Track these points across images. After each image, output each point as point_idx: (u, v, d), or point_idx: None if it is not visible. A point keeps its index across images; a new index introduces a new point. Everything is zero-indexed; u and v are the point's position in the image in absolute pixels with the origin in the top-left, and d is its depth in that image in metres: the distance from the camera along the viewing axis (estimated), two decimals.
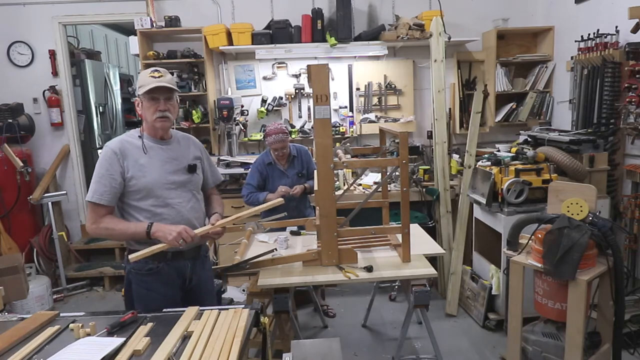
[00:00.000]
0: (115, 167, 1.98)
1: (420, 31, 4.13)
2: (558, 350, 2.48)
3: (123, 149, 2.01)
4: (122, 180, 1.99)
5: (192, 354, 1.46)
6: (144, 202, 2.03)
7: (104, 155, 2.01)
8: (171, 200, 2.06)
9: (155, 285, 2.08)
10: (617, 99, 3.33)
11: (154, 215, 2.03)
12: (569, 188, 2.55)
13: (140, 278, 2.08)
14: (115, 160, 1.98)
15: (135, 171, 2.00)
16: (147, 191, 2.02)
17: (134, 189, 2.01)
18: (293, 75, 4.59)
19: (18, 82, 4.56)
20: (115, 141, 2.05)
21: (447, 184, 3.94)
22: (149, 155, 2.05)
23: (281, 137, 3.35)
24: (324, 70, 2.34)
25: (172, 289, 2.12)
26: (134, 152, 2.02)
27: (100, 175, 1.98)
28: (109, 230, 2.00)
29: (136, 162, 2.01)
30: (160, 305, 1.94)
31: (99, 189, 1.97)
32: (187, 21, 4.44)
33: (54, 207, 4.30)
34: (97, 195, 1.97)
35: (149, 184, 2.01)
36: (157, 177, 2.03)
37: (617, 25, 3.35)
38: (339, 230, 2.47)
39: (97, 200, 1.97)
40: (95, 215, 1.99)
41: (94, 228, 2.00)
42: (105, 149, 2.02)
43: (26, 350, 1.51)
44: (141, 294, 2.09)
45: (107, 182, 1.97)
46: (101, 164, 2.00)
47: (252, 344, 2.61)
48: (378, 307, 3.77)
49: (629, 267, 3.24)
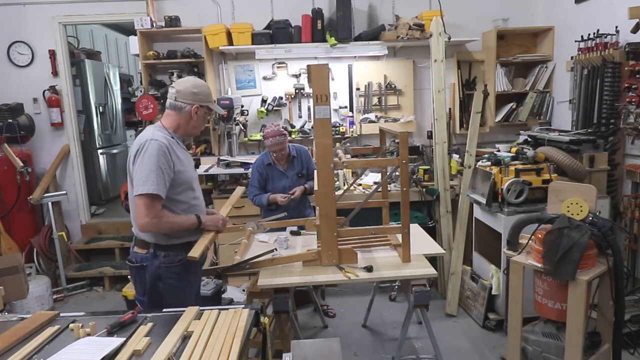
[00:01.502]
0: (169, 161, 2.03)
1: (420, 31, 4.13)
2: (558, 350, 2.48)
3: (169, 145, 2.06)
4: (172, 174, 2.05)
5: (192, 354, 1.46)
6: (184, 195, 2.12)
7: (157, 149, 1.99)
8: (198, 193, 2.23)
9: (187, 275, 2.16)
10: (617, 99, 3.33)
11: (190, 206, 2.14)
12: (569, 188, 2.55)
13: (173, 270, 2.11)
14: (168, 154, 2.03)
15: (179, 166, 2.09)
16: (188, 184, 2.14)
17: (178, 182, 2.08)
18: (293, 75, 4.59)
19: (18, 82, 4.56)
20: (159, 136, 2.05)
21: (447, 184, 3.94)
22: (180, 152, 2.15)
23: (279, 139, 3.35)
24: (324, 70, 2.34)
25: (198, 277, 2.30)
26: (174, 148, 2.10)
27: (159, 169, 1.98)
28: (170, 224, 2.04)
29: (178, 158, 2.10)
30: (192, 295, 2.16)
31: (160, 182, 1.97)
32: (187, 21, 4.44)
33: (54, 207, 4.30)
34: (161, 188, 1.98)
35: (190, 178, 2.15)
36: (192, 171, 2.21)
37: (617, 25, 3.35)
38: (339, 230, 2.47)
39: (161, 193, 1.98)
40: (154, 209, 1.98)
41: (155, 222, 1.98)
42: (156, 144, 2.00)
43: (26, 350, 1.51)
44: (174, 286, 2.12)
45: (164, 175, 2.00)
46: (156, 157, 1.98)
47: (252, 344, 2.60)
48: (378, 307, 3.77)
49: (629, 267, 3.24)
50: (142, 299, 2.15)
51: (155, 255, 2.09)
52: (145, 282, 2.12)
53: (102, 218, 5.21)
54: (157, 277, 2.11)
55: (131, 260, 2.15)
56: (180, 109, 2.11)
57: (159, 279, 2.11)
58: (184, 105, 2.10)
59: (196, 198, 2.20)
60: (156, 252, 2.09)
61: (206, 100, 2.16)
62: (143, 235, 2.10)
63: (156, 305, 2.04)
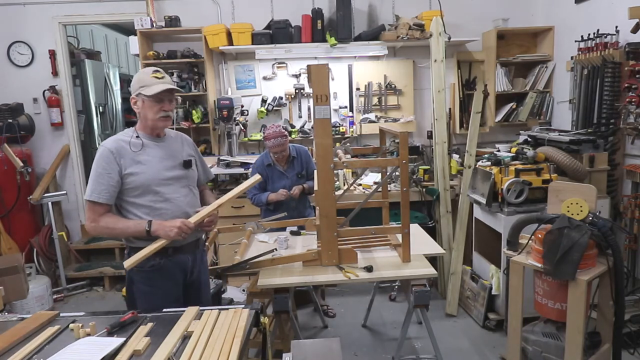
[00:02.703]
0: (112, 165, 2.00)
1: (420, 31, 4.13)
2: (558, 350, 2.48)
3: (119, 148, 2.03)
4: (119, 178, 2.01)
5: (192, 354, 1.46)
6: (143, 199, 2.05)
7: (100, 154, 2.02)
8: (169, 195, 2.09)
9: (158, 281, 2.09)
10: (617, 99, 3.33)
11: (153, 210, 2.05)
12: (569, 188, 2.54)
13: (143, 275, 2.09)
14: (112, 158, 2.00)
15: (133, 169, 2.02)
16: (145, 187, 2.04)
17: (132, 186, 2.03)
18: (293, 75, 4.59)
19: (18, 82, 4.55)
20: (110, 141, 2.06)
21: (447, 184, 3.94)
22: (146, 153, 2.07)
23: (280, 140, 3.35)
24: (324, 70, 2.34)
25: (175, 285, 2.15)
26: (130, 150, 2.04)
27: (97, 174, 2.00)
28: (109, 230, 2.02)
29: (132, 160, 2.03)
30: (164, 301, 1.99)
31: (97, 188, 1.99)
32: (187, 21, 4.44)
33: (54, 207, 4.30)
34: (95, 193, 1.99)
35: (147, 181, 2.04)
36: (154, 173, 2.06)
37: (617, 25, 3.35)
38: (339, 230, 2.47)
39: (95, 199, 1.98)
40: (94, 214, 2.00)
41: (94, 227, 2.01)
42: (101, 149, 2.03)
43: (26, 350, 1.51)
44: (144, 291, 2.10)
45: (104, 180, 1.99)
46: (98, 162, 2.01)
47: (252, 344, 2.60)
48: (378, 307, 3.76)
49: (629, 267, 3.24)
50: None
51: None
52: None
53: None
54: (131, 280, 2.12)
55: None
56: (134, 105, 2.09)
57: (132, 282, 2.12)
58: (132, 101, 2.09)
59: (165, 201, 2.07)
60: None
61: (137, 88, 2.04)
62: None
63: (133, 308, 2.03)
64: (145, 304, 2.05)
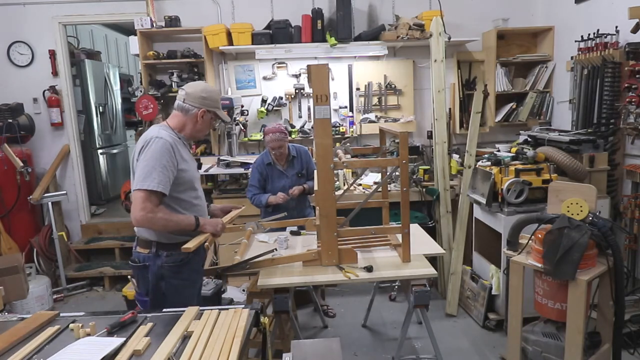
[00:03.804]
0: (173, 159, 2.05)
1: (420, 31, 4.13)
2: (558, 350, 2.48)
3: (174, 143, 2.08)
4: (176, 172, 2.07)
5: (192, 354, 1.46)
6: (186, 194, 2.14)
7: (162, 147, 2.01)
8: (200, 193, 2.25)
9: (189, 274, 2.18)
10: (617, 99, 3.33)
11: (192, 206, 2.16)
12: (569, 188, 2.55)
13: (175, 270, 2.12)
14: (172, 152, 2.05)
15: (183, 165, 2.11)
16: (189, 184, 2.15)
17: (181, 181, 2.10)
18: (293, 75, 4.59)
19: (18, 82, 4.55)
20: (165, 135, 2.08)
21: (447, 184, 3.94)
22: (186, 152, 2.19)
23: (278, 136, 3.35)
24: (324, 70, 2.34)
25: (200, 276, 2.32)
26: (179, 147, 2.12)
27: (163, 166, 2.00)
28: (165, 220, 2.00)
29: (182, 157, 2.12)
30: (194, 293, 2.20)
31: (163, 179, 1.99)
32: (187, 21, 4.44)
33: (54, 207, 4.30)
34: (162, 185, 1.98)
35: (193, 177, 2.18)
36: (194, 171, 2.24)
37: (617, 25, 3.35)
38: (339, 230, 2.47)
39: (162, 190, 1.98)
40: (151, 204, 1.97)
41: (150, 217, 1.96)
42: (161, 141, 2.02)
43: (26, 350, 1.51)
44: (177, 285, 2.13)
45: (169, 172, 2.02)
46: (161, 154, 2.00)
47: (252, 344, 2.60)
48: (378, 307, 3.77)
49: (629, 267, 3.24)
50: (144, 299, 2.13)
51: (157, 255, 2.10)
52: (148, 282, 2.12)
53: (102, 218, 5.21)
54: (160, 276, 2.11)
55: (134, 260, 2.16)
56: (187, 111, 2.14)
57: (161, 278, 2.11)
58: (191, 108, 2.14)
59: (198, 198, 2.22)
60: (158, 252, 2.10)
61: (214, 105, 2.18)
62: (145, 234, 2.11)
63: (159, 305, 2.03)
64: (177, 299, 2.07)
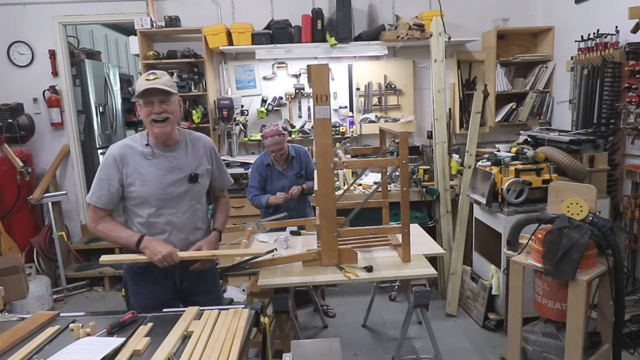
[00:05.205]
0: (114, 173, 2.00)
1: (420, 31, 4.12)
2: (558, 350, 2.48)
3: (124, 155, 2.01)
4: (120, 186, 2.02)
5: (192, 354, 1.46)
6: (140, 209, 2.05)
7: (105, 159, 2.04)
8: (166, 211, 2.05)
9: (145, 283, 2.14)
10: (617, 99, 3.33)
11: (146, 223, 2.06)
12: (569, 188, 2.54)
13: (132, 275, 2.17)
14: (114, 166, 2.00)
15: (134, 179, 2.00)
16: (144, 200, 2.03)
17: (132, 195, 2.03)
18: (293, 75, 4.59)
19: (18, 82, 4.55)
20: (117, 146, 2.04)
21: (447, 184, 3.94)
22: (151, 164, 2.02)
23: (277, 139, 3.34)
24: (324, 70, 2.33)
25: (162, 289, 2.13)
26: (135, 159, 2.01)
27: (99, 179, 2.02)
28: (105, 234, 2.06)
29: (135, 170, 2.01)
30: (150, 302, 2.05)
31: (96, 192, 2.02)
32: (187, 21, 4.44)
33: (54, 207, 4.30)
34: (94, 197, 2.02)
35: (146, 194, 2.02)
36: (155, 187, 2.02)
37: (617, 25, 3.35)
38: (339, 230, 2.47)
39: (94, 203, 2.02)
40: (94, 215, 2.05)
41: (92, 227, 2.07)
42: (107, 154, 2.03)
43: (26, 350, 1.51)
44: (134, 290, 2.18)
45: (105, 186, 2.01)
46: (102, 168, 2.03)
47: (252, 344, 2.61)
48: (378, 307, 3.76)
49: (629, 267, 3.24)
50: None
51: None
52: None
53: None
54: (125, 279, 2.21)
55: None
56: None
57: (126, 281, 2.21)
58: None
59: (159, 216, 2.03)
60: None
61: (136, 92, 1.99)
62: None
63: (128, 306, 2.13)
64: (134, 302, 2.13)
